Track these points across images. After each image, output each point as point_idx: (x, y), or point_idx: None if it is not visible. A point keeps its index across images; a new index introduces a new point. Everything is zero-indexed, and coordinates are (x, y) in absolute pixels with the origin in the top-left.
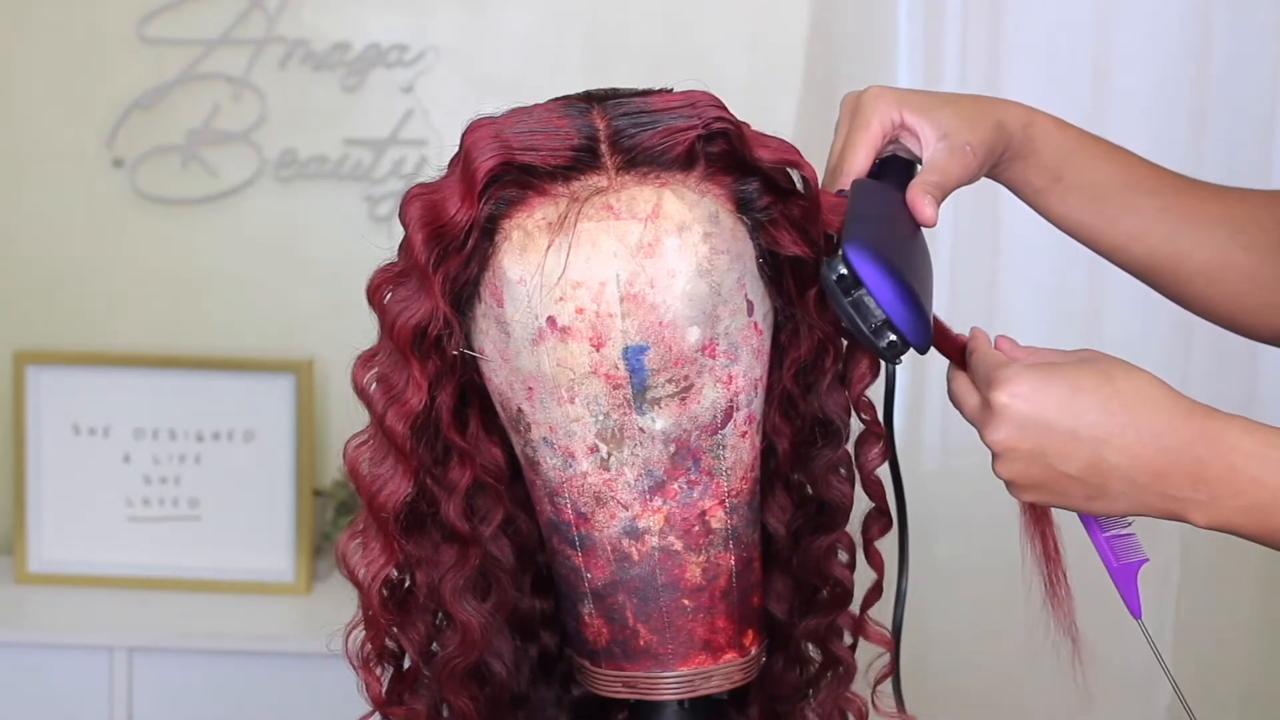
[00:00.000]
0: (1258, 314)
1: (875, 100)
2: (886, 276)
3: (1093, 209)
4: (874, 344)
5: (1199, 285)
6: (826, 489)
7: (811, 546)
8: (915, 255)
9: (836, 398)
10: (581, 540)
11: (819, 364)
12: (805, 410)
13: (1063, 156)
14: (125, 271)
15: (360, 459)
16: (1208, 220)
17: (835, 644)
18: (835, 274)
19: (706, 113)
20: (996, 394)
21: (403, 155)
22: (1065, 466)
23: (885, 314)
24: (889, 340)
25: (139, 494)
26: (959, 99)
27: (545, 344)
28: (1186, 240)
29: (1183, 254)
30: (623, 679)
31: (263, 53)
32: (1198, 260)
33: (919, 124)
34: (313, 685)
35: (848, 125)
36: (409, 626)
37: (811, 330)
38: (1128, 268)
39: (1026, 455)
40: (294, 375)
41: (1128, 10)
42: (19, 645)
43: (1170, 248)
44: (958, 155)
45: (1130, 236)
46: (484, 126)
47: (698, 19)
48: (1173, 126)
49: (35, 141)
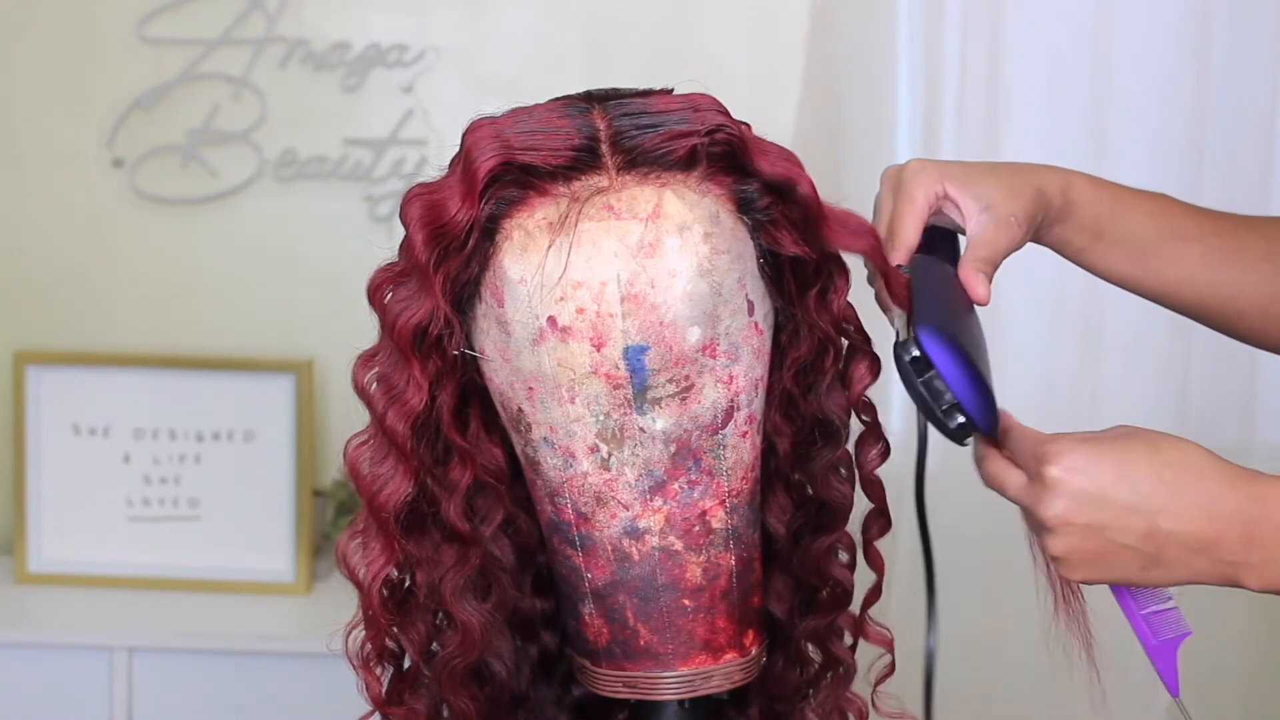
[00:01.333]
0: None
1: (917, 174)
2: (958, 361)
3: (1136, 262)
4: (944, 425)
5: (1253, 322)
6: (826, 489)
7: (811, 547)
8: (976, 334)
9: (836, 398)
10: (582, 540)
11: (819, 364)
12: (805, 410)
13: (1101, 214)
14: (125, 271)
15: (360, 459)
16: (1252, 258)
17: (835, 644)
18: (909, 356)
19: (709, 119)
20: (1049, 469)
21: (403, 155)
22: (1122, 538)
23: (956, 398)
24: (958, 422)
25: (139, 494)
26: (999, 168)
27: (546, 344)
28: (1232, 281)
29: (1231, 294)
30: (623, 679)
31: (263, 53)
32: (1247, 298)
33: (962, 196)
34: (313, 685)
35: (891, 199)
36: (409, 626)
37: (812, 331)
38: (1179, 310)
39: (1083, 529)
40: (294, 375)
41: (1128, 10)
42: (19, 645)
43: (1218, 290)
44: (1004, 227)
45: (1177, 283)
46: (484, 126)
47: (698, 19)
48: (1173, 126)
49: (35, 141)
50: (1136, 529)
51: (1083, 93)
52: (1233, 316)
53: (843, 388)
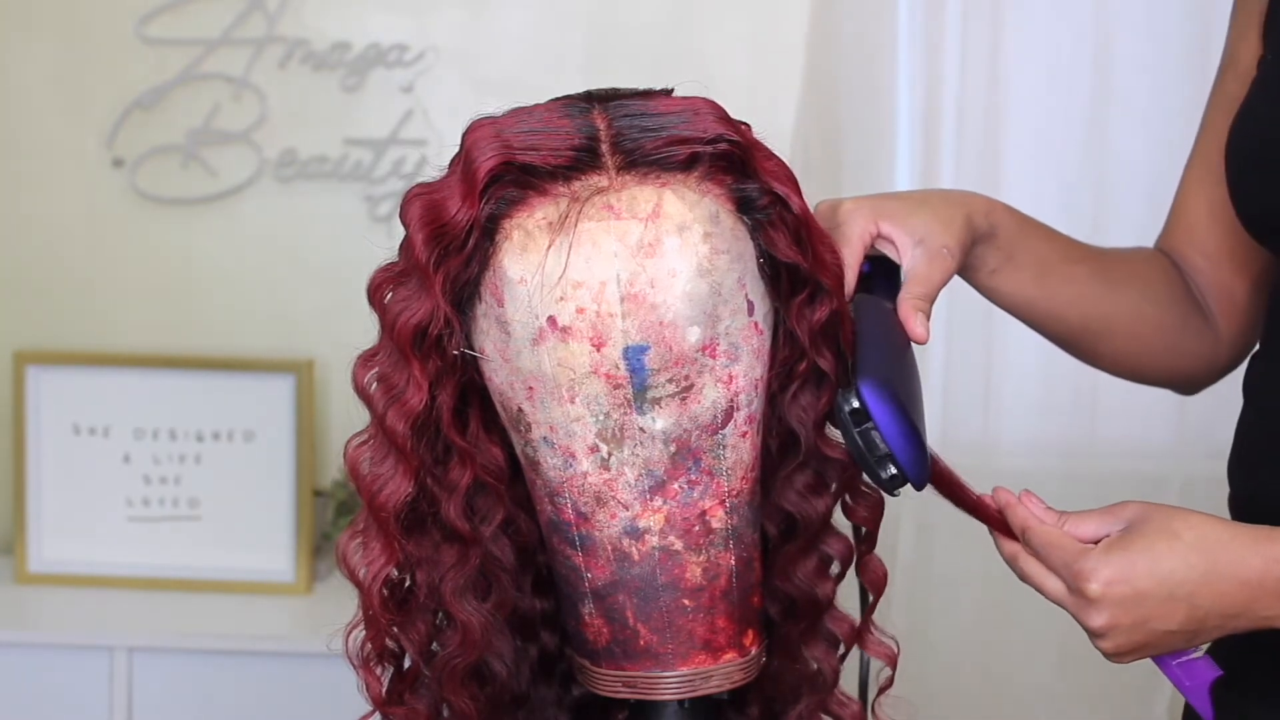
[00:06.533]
0: (1162, 358)
1: (851, 215)
2: (895, 415)
3: (1037, 283)
4: (876, 474)
5: (1121, 342)
6: (784, 497)
7: (781, 552)
8: (913, 378)
9: (804, 406)
10: (582, 540)
11: (792, 370)
12: (778, 414)
13: (1014, 237)
14: (125, 271)
15: (361, 459)
16: (1122, 279)
17: (814, 651)
18: (849, 406)
19: (710, 126)
20: (1089, 586)
21: (403, 155)
22: (1166, 625)
23: (890, 449)
24: (891, 473)
25: (139, 494)
26: (929, 199)
27: (546, 344)
28: (1110, 300)
29: (1108, 315)
30: (623, 679)
31: (263, 53)
32: (1120, 319)
33: (894, 232)
34: (313, 685)
35: None
36: (409, 626)
37: (791, 336)
38: (1057, 335)
39: (1130, 627)
40: (294, 375)
41: (1128, 10)
42: (19, 645)
43: (1099, 308)
44: (937, 260)
45: (1068, 303)
46: (484, 126)
47: (698, 19)
48: (1173, 126)
49: (35, 141)
50: (1178, 615)
51: (1082, 93)
52: (1106, 336)
53: (814, 398)
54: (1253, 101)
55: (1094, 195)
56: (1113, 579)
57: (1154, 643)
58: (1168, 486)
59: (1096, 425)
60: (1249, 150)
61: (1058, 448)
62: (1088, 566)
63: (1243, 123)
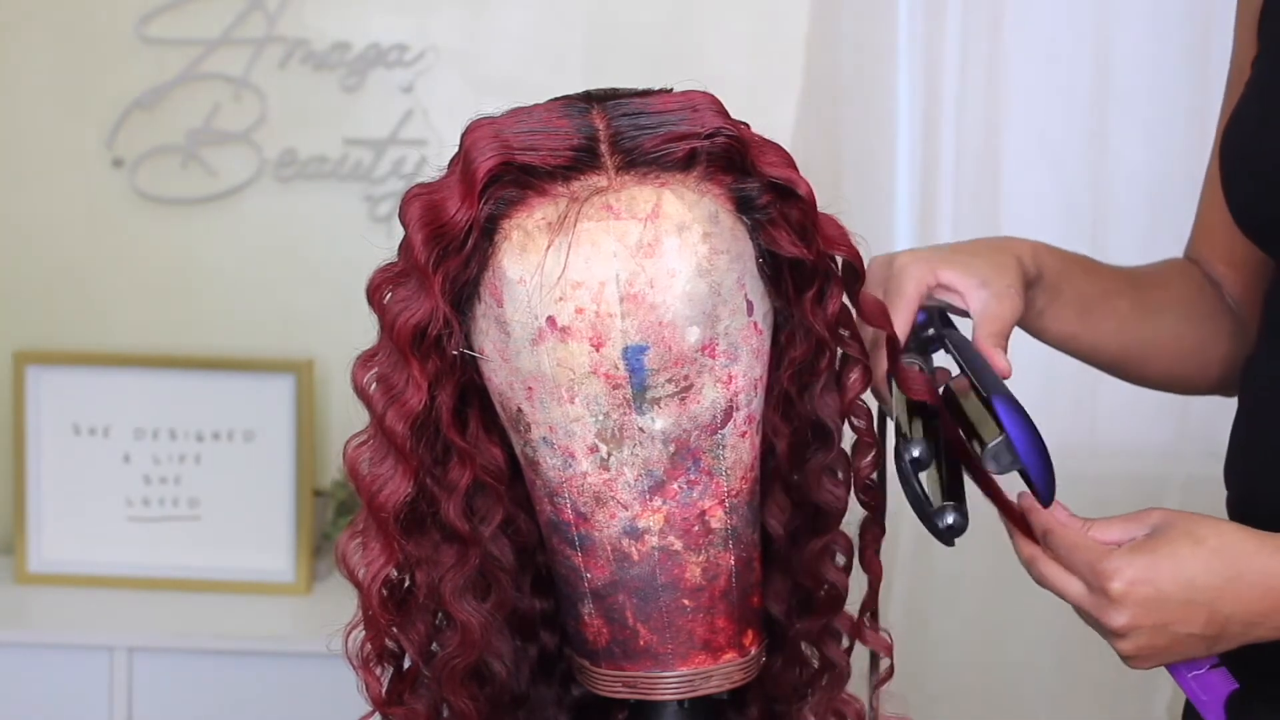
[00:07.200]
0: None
1: (907, 267)
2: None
3: (1080, 320)
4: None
5: (1166, 363)
6: (819, 491)
7: (806, 548)
8: None
9: (830, 401)
10: (581, 540)
11: (814, 366)
12: (801, 411)
13: (1058, 278)
14: (125, 271)
15: (360, 459)
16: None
17: (829, 647)
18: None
19: (708, 120)
20: (1112, 585)
21: (403, 155)
22: (1187, 629)
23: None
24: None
25: (139, 494)
26: (979, 248)
27: (545, 344)
28: (1150, 329)
29: (1149, 340)
30: (623, 679)
31: (263, 53)
32: (1162, 344)
33: (957, 279)
34: (313, 685)
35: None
36: (409, 626)
37: (808, 332)
38: (1101, 362)
39: (1151, 629)
40: (294, 375)
41: (1128, 10)
42: (19, 645)
43: (1138, 336)
44: (1005, 299)
45: (1110, 336)
46: (484, 126)
47: (698, 19)
48: (1172, 126)
49: (35, 141)
50: (1199, 619)
51: (1082, 93)
52: (1151, 359)
53: (837, 391)
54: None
55: (1094, 195)
56: (1136, 579)
57: (1174, 646)
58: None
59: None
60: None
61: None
62: (1111, 566)
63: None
